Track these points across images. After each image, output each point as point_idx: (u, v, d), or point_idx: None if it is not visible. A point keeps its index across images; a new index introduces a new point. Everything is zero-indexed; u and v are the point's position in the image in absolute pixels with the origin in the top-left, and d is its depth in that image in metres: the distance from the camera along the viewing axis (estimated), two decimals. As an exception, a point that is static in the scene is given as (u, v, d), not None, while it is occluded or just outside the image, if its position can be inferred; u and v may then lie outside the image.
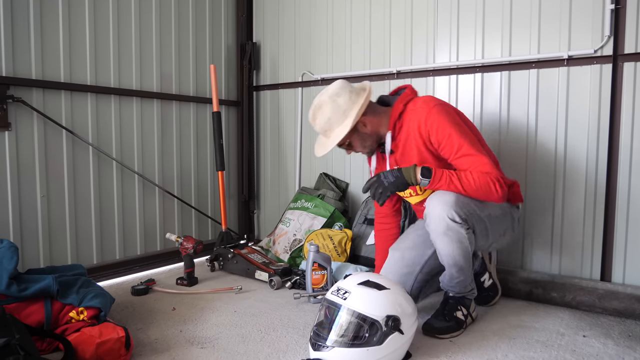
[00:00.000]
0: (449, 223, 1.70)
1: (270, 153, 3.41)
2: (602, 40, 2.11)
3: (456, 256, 1.76)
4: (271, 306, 2.17)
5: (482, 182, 1.70)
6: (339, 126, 1.86)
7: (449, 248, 1.75)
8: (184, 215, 3.09)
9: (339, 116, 1.86)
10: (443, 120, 1.77)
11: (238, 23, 3.39)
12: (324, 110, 1.88)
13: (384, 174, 1.75)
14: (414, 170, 1.73)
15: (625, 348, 1.73)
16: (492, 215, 1.82)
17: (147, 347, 1.72)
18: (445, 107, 1.83)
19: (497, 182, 1.71)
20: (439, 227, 1.73)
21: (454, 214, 1.69)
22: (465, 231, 1.72)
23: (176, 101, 3.00)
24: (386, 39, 2.77)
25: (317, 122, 1.91)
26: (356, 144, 1.93)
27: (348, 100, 1.86)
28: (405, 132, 1.87)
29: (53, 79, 2.39)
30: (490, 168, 1.73)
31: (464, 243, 1.74)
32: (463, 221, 1.71)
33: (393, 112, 1.89)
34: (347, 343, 1.49)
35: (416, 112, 1.83)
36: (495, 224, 1.84)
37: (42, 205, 2.37)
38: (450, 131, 1.76)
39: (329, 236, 2.64)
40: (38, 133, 2.34)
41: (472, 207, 1.74)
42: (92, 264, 2.57)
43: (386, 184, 1.73)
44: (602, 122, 2.13)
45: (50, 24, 2.37)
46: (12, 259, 1.68)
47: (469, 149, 1.75)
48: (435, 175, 1.71)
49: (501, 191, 1.71)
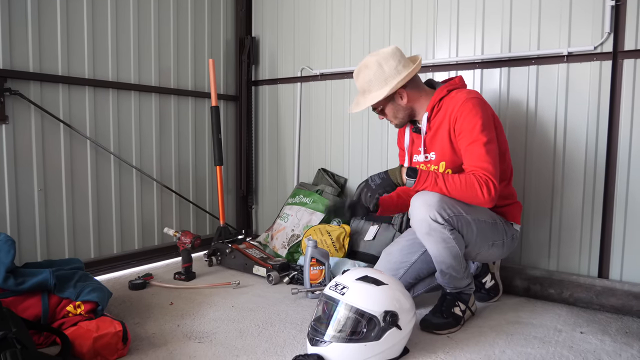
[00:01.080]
0: (431, 224, 1.70)
1: (269, 148, 3.40)
2: (602, 37, 2.10)
3: (443, 255, 1.76)
4: (269, 301, 2.17)
5: (467, 184, 1.69)
6: (376, 91, 1.87)
7: (434, 247, 1.76)
8: (182, 209, 3.08)
9: (380, 81, 1.86)
10: (474, 112, 1.77)
11: (237, 17, 3.38)
12: (368, 71, 1.88)
13: (371, 178, 1.78)
14: (399, 170, 1.75)
15: (622, 344, 1.74)
16: (480, 220, 1.80)
17: (145, 342, 1.72)
18: (483, 105, 1.82)
19: (485, 184, 1.68)
20: (422, 227, 1.73)
21: (436, 214, 1.68)
22: (449, 232, 1.71)
23: (174, 95, 2.99)
24: (385, 35, 2.76)
25: (359, 80, 1.92)
26: (389, 112, 1.94)
27: (393, 69, 1.85)
28: (441, 117, 1.87)
29: (50, 72, 2.37)
30: (491, 168, 1.71)
31: (449, 243, 1.73)
32: (446, 222, 1.70)
33: (435, 96, 1.90)
34: (344, 338, 1.49)
35: (455, 99, 1.84)
36: (485, 231, 1.82)
37: (40, 199, 2.36)
38: (475, 124, 1.75)
39: (327, 232, 2.64)
40: (35, 126, 2.33)
41: (457, 208, 1.73)
42: (89, 258, 2.56)
43: (373, 186, 1.75)
44: (601, 119, 2.13)
45: (48, 16, 2.35)
46: (9, 252, 1.68)
47: (482, 145, 1.73)
48: (421, 176, 1.71)
49: (487, 195, 1.68)
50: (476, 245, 1.83)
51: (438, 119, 1.89)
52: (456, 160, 1.86)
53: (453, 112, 1.81)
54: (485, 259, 2.01)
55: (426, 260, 1.96)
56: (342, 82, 2.97)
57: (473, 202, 1.74)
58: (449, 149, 1.86)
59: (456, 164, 1.87)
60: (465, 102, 1.79)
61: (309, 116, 3.15)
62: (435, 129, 1.90)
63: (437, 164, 1.91)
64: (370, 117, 2.86)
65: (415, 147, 2.02)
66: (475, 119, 1.76)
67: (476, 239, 1.80)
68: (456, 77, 1.96)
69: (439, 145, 1.89)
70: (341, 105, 2.99)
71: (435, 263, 1.82)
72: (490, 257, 1.98)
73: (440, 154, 1.89)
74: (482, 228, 1.81)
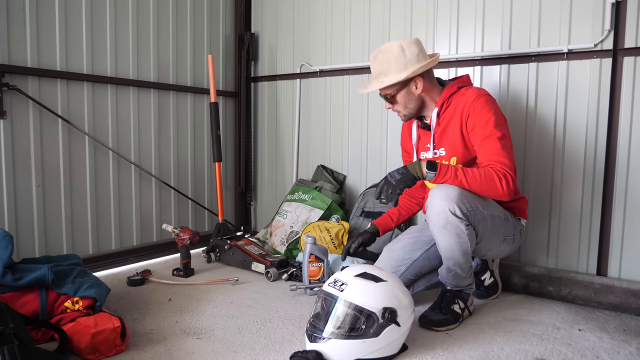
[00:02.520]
0: (449, 217, 1.69)
1: (268, 144, 3.39)
2: (602, 35, 2.10)
3: (454, 250, 1.75)
4: (267, 298, 2.16)
5: (487, 177, 1.70)
6: (394, 74, 1.86)
7: (447, 241, 1.75)
8: (181, 206, 3.08)
9: (400, 65, 1.85)
10: (487, 108, 1.79)
11: (236, 13, 3.37)
12: (388, 54, 1.87)
13: (390, 174, 1.77)
14: (418, 164, 1.74)
15: (620, 342, 1.74)
16: (495, 215, 1.81)
17: (143, 338, 1.72)
18: (495, 102, 1.84)
19: (504, 177, 1.70)
20: (438, 219, 1.72)
21: (455, 207, 1.68)
22: (464, 227, 1.71)
23: (173, 91, 2.98)
24: (385, 31, 2.76)
25: (376, 62, 1.91)
26: (400, 100, 1.92)
27: (415, 56, 1.86)
28: (451, 113, 1.88)
29: (49, 67, 2.36)
30: (508, 162, 1.72)
31: (462, 238, 1.73)
32: (464, 216, 1.70)
33: (445, 92, 1.91)
34: (343, 335, 1.49)
35: (465, 96, 1.85)
36: (498, 227, 1.84)
37: (38, 195, 2.36)
38: (489, 119, 1.77)
39: (326, 228, 2.63)
40: (33, 122, 2.32)
41: (475, 203, 1.73)
42: (87, 254, 2.56)
43: (394, 182, 1.74)
44: (601, 117, 2.13)
45: (47, 11, 2.34)
46: (7, 248, 1.67)
47: (497, 140, 1.75)
48: (441, 169, 1.71)
49: (506, 187, 1.70)
50: (489, 241, 1.84)
51: (447, 114, 1.89)
52: (468, 155, 1.87)
53: (465, 108, 1.82)
54: (495, 255, 2.02)
55: (429, 257, 1.96)
56: (342, 78, 2.97)
57: (491, 196, 1.75)
58: (461, 144, 1.87)
59: (467, 159, 1.88)
60: (477, 99, 1.81)
61: (308, 113, 3.15)
62: (444, 125, 1.91)
63: (448, 159, 1.91)
64: (369, 113, 2.85)
65: (422, 143, 2.02)
66: (489, 115, 1.77)
67: (490, 235, 1.82)
68: (464, 76, 1.98)
69: (450, 141, 1.89)
70: (340, 102, 2.98)
71: (443, 259, 1.82)
72: (500, 253, 1.98)
73: (451, 149, 1.90)
74: (496, 223, 1.83)
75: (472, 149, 1.85)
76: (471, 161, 1.87)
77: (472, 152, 1.86)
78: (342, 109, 2.97)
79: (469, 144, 1.85)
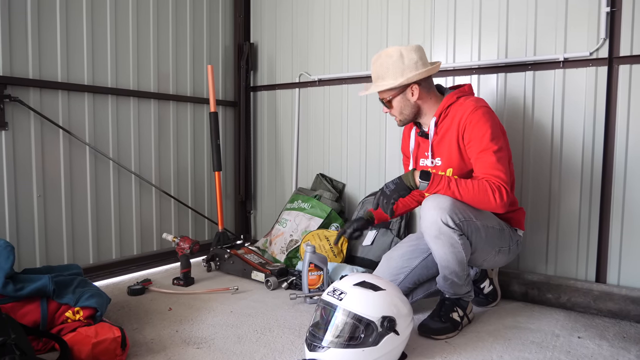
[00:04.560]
0: (442, 227, 1.70)
1: (267, 154, 3.41)
2: (597, 43, 2.12)
3: (449, 260, 1.76)
4: (267, 307, 2.17)
5: (480, 189, 1.70)
6: (391, 79, 1.88)
7: (441, 251, 1.76)
8: (181, 215, 3.09)
9: (397, 71, 1.87)
10: (484, 121, 1.78)
11: (236, 23, 3.40)
12: (388, 59, 1.89)
13: (386, 185, 1.79)
14: (412, 174, 1.76)
15: (619, 349, 1.74)
16: (489, 226, 1.81)
17: (143, 347, 1.72)
18: (492, 114, 1.84)
19: (497, 190, 1.69)
20: (431, 230, 1.73)
21: (447, 218, 1.69)
22: (457, 237, 1.71)
23: (173, 101, 3.00)
24: (383, 41, 2.78)
25: (376, 65, 1.93)
26: (396, 105, 1.93)
27: (414, 64, 1.87)
28: (448, 123, 1.89)
29: (50, 78, 2.38)
30: (503, 175, 1.72)
31: (456, 248, 1.73)
32: (456, 226, 1.70)
33: (444, 101, 1.91)
34: (342, 344, 1.50)
35: (463, 106, 1.85)
36: (493, 237, 1.84)
37: (39, 205, 2.37)
38: (485, 132, 1.77)
39: (325, 237, 2.64)
40: (35, 133, 2.34)
41: (468, 213, 1.73)
42: (88, 264, 2.57)
43: (388, 192, 1.76)
44: (597, 125, 2.14)
45: (48, 23, 2.37)
46: (8, 258, 1.68)
47: (492, 153, 1.74)
48: (434, 180, 1.72)
49: (499, 200, 1.69)
50: (483, 252, 1.84)
51: (445, 124, 1.90)
52: (464, 167, 1.87)
53: (462, 119, 1.82)
54: (491, 265, 2.02)
55: (427, 265, 1.97)
56: (340, 87, 2.99)
57: (485, 208, 1.75)
58: (457, 155, 1.87)
59: (464, 171, 1.88)
60: (474, 111, 1.80)
61: (307, 122, 3.17)
62: (442, 134, 1.91)
63: (444, 170, 1.91)
64: (368, 122, 2.87)
65: (421, 150, 2.03)
66: (485, 127, 1.77)
67: (484, 245, 1.81)
68: (465, 85, 1.98)
69: (446, 152, 1.89)
70: (339, 111, 3.00)
71: (439, 268, 1.83)
72: (496, 263, 1.98)
73: (447, 160, 1.90)
74: (490, 234, 1.82)
75: (468, 161, 1.85)
76: (467, 173, 1.87)
77: (468, 164, 1.85)
78: (341, 118, 2.99)
79: (465, 156, 1.85)
